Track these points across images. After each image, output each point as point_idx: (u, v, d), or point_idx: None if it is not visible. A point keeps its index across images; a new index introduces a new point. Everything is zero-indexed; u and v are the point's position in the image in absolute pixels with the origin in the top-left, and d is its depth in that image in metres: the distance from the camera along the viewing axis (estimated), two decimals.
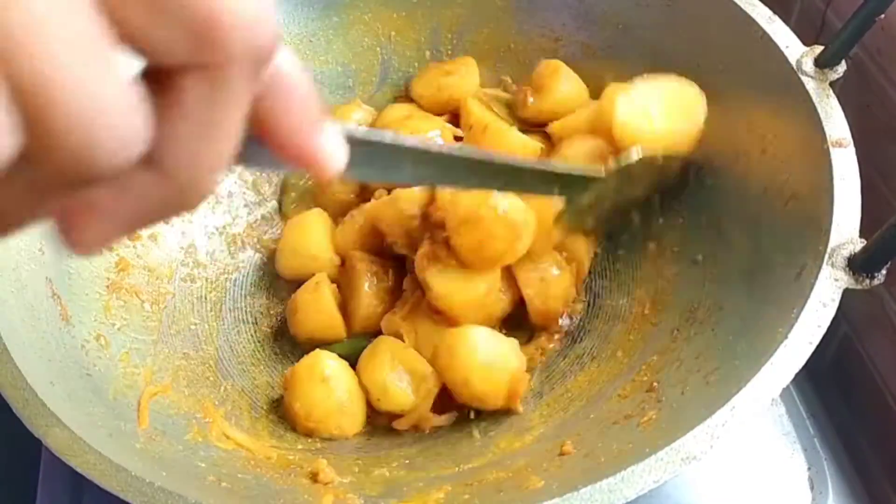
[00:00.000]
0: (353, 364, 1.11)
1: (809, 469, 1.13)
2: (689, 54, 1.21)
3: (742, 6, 1.12)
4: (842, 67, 1.02)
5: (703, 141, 1.17)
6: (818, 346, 0.84)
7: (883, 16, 0.97)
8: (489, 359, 1.04)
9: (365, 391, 1.09)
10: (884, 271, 0.86)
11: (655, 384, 1.02)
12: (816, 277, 0.87)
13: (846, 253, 0.88)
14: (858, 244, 0.88)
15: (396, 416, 1.10)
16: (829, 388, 1.21)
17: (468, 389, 1.04)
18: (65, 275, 1.08)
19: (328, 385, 1.06)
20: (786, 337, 0.83)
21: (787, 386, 0.82)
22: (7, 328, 0.92)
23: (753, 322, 0.96)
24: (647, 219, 1.20)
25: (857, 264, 0.87)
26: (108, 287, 1.15)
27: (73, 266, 1.10)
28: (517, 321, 1.17)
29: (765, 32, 1.08)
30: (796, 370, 0.82)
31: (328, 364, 1.07)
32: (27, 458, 1.14)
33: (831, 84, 1.02)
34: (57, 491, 1.13)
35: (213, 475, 0.92)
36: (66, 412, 0.86)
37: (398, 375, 1.08)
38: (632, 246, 1.23)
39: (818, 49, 1.04)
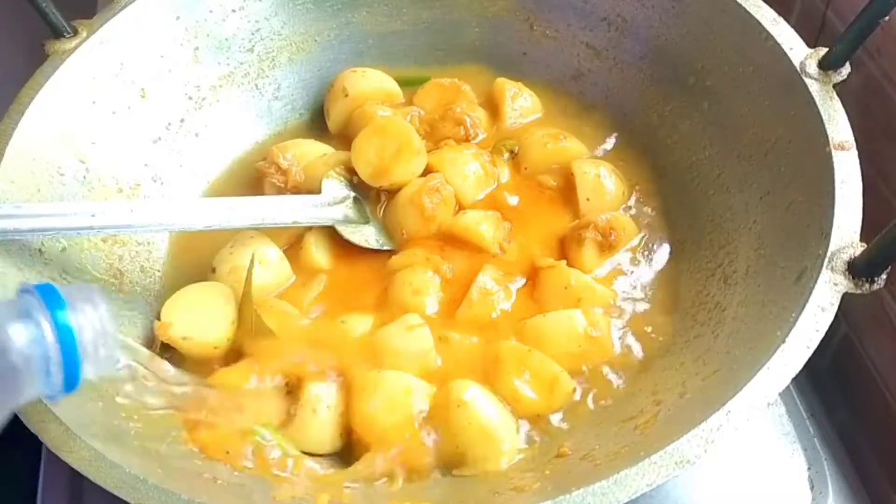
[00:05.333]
0: None
1: (809, 469, 1.13)
2: (693, 55, 1.21)
3: (747, 7, 1.11)
4: (846, 70, 1.02)
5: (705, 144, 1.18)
6: (818, 346, 0.84)
7: (887, 18, 0.96)
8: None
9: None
10: (884, 276, 0.86)
11: (655, 386, 1.02)
12: (816, 281, 0.87)
13: (846, 257, 0.88)
14: (859, 248, 0.88)
15: None
16: (829, 388, 1.21)
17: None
18: (65, 275, 1.09)
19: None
20: (783, 341, 0.83)
21: (788, 386, 0.82)
22: None
23: (753, 325, 0.96)
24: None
25: (858, 268, 0.86)
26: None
27: (73, 266, 1.11)
28: None
29: (769, 34, 1.08)
30: (793, 375, 0.82)
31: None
32: (27, 457, 1.14)
33: (834, 86, 1.01)
34: (57, 491, 1.13)
35: (209, 473, 0.92)
36: (64, 408, 0.86)
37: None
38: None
39: (822, 51, 1.03)
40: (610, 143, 1.34)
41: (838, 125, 0.98)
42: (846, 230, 0.90)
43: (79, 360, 0.75)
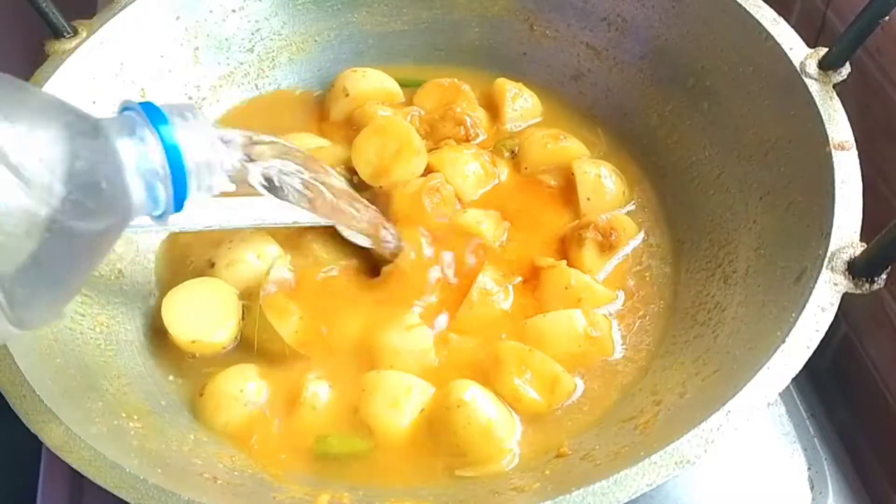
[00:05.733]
0: None
1: (809, 469, 1.13)
2: (693, 55, 1.22)
3: (747, 7, 1.11)
4: (846, 70, 1.02)
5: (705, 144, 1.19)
6: (818, 346, 0.83)
7: (887, 18, 0.96)
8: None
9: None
10: (884, 276, 0.85)
11: (655, 387, 1.02)
12: (816, 281, 0.87)
13: (846, 257, 0.87)
14: (859, 248, 0.88)
15: None
16: (829, 388, 1.21)
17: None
18: None
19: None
20: (783, 341, 0.83)
21: (788, 386, 0.82)
22: None
23: (753, 325, 0.96)
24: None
25: (858, 268, 0.86)
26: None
27: None
28: None
29: (769, 34, 1.08)
30: (793, 374, 0.82)
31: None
32: (27, 458, 1.14)
33: (834, 86, 1.01)
34: (57, 491, 1.13)
35: (209, 473, 0.92)
36: (64, 409, 0.86)
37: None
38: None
39: (822, 51, 1.03)
40: (609, 142, 1.34)
41: (838, 125, 0.98)
42: (846, 230, 0.90)
43: (186, 176, 0.75)
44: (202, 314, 1.11)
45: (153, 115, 0.74)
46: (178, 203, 0.76)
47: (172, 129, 0.74)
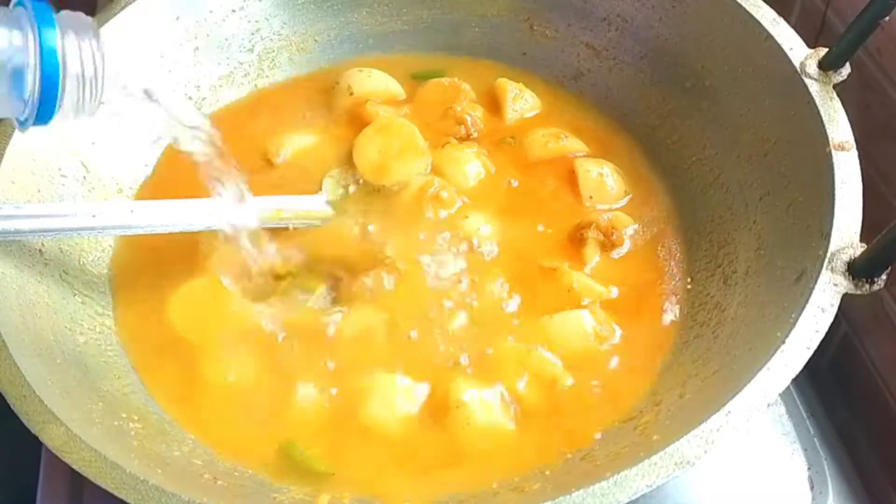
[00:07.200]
0: None
1: (809, 469, 1.12)
2: (693, 55, 1.22)
3: (746, 7, 1.11)
4: (846, 70, 1.02)
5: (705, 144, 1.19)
6: (818, 346, 0.84)
7: (887, 18, 0.96)
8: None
9: None
10: (884, 276, 0.85)
11: (655, 387, 1.02)
12: (815, 282, 0.87)
13: (846, 257, 0.87)
14: (859, 248, 0.88)
15: None
16: (829, 388, 1.21)
17: None
18: (65, 275, 1.09)
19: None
20: (783, 342, 0.83)
21: (788, 386, 0.82)
22: (7, 327, 0.92)
23: (753, 325, 0.96)
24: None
25: (858, 269, 0.86)
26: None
27: (73, 266, 1.11)
28: None
29: (769, 34, 1.08)
30: (793, 375, 0.82)
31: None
32: (27, 458, 1.14)
33: (834, 86, 1.01)
34: (57, 491, 1.13)
35: (209, 473, 0.92)
36: (64, 409, 0.86)
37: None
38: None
39: (822, 51, 1.03)
40: (610, 143, 1.34)
41: (838, 125, 0.98)
42: (846, 230, 0.90)
43: (57, 88, 0.71)
44: (213, 318, 1.12)
45: (42, 15, 0.70)
46: (44, 116, 0.72)
47: (56, 36, 0.70)
